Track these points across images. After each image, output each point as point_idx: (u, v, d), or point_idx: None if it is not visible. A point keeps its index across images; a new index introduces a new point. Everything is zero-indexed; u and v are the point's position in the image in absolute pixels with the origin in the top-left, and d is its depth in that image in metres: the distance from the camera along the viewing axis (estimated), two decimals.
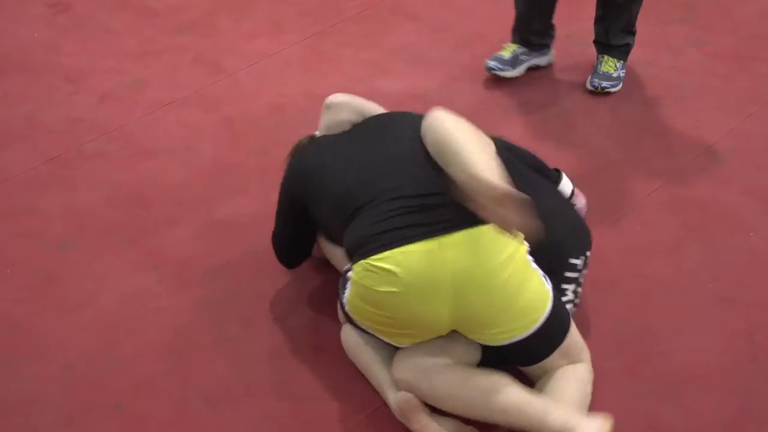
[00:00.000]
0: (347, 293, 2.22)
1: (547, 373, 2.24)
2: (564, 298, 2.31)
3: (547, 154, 2.76)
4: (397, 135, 2.35)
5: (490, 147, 2.22)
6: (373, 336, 2.28)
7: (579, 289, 2.40)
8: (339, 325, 2.43)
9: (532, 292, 2.13)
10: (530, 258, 2.17)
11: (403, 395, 2.20)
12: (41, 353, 2.46)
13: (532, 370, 2.27)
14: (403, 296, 2.09)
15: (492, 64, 3.50)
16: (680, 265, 2.70)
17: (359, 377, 2.36)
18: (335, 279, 2.41)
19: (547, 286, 2.17)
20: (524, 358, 2.25)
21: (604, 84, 3.42)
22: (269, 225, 2.70)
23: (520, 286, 2.11)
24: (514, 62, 3.52)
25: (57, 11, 4.03)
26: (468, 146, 2.12)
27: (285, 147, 2.97)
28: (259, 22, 3.95)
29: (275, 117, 3.35)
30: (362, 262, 2.13)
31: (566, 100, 3.42)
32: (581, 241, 2.41)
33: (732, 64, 3.61)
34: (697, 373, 2.38)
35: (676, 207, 2.91)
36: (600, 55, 3.49)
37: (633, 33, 3.46)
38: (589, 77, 3.47)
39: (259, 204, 2.93)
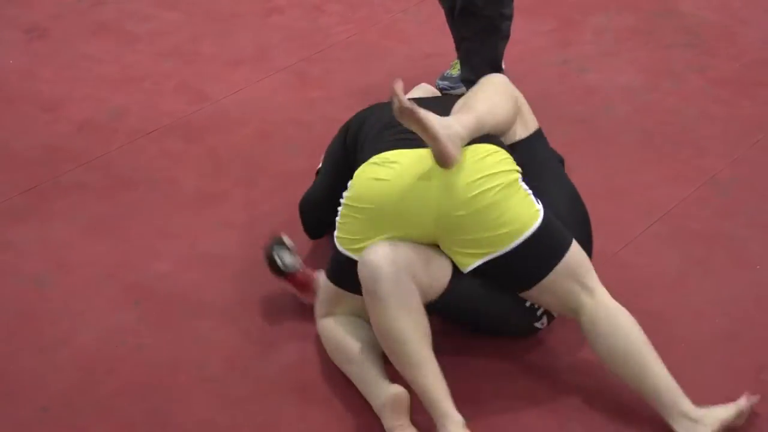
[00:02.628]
0: (338, 220, 2.42)
1: (579, 315, 2.37)
2: None
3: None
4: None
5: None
6: (353, 322, 2.46)
7: None
8: (326, 364, 2.44)
9: (517, 207, 2.33)
10: (521, 178, 2.40)
11: (400, 389, 2.28)
12: (15, 394, 2.47)
13: (542, 296, 2.40)
14: (394, 186, 2.33)
15: (443, 84, 3.56)
16: (683, 301, 2.72)
17: (347, 416, 2.37)
18: None
19: (537, 206, 2.36)
20: (518, 278, 2.38)
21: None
22: (254, 258, 2.72)
23: (503, 200, 2.31)
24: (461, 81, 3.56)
25: (33, 37, 4.06)
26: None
27: (271, 177, 3.00)
28: (243, 48, 3.98)
29: (261, 146, 3.37)
30: (363, 165, 2.43)
31: (560, 131, 3.44)
32: (584, 244, 2.52)
33: (736, 91, 3.64)
34: None
35: (679, 239, 2.93)
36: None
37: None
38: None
39: (244, 236, 2.95)
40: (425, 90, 3.02)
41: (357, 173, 2.42)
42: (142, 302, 2.74)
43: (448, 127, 2.29)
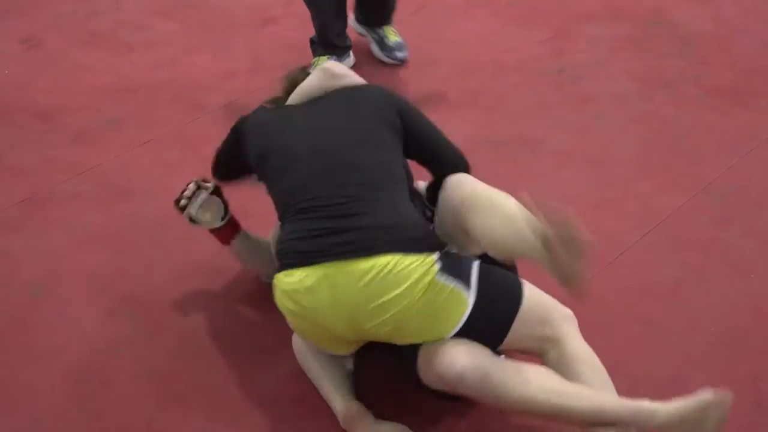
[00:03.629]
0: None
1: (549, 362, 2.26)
2: None
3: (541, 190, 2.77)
4: (356, 114, 2.48)
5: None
6: None
7: None
8: None
9: (439, 310, 2.18)
10: (439, 274, 2.18)
11: (350, 404, 2.33)
12: (8, 406, 2.45)
13: (512, 347, 2.29)
14: (309, 320, 2.25)
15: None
16: (680, 308, 2.71)
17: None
18: None
19: (464, 294, 2.18)
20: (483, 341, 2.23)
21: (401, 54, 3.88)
22: (248, 270, 2.72)
23: (423, 309, 2.16)
24: None
25: (29, 47, 4.05)
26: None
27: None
28: (239, 58, 3.98)
29: None
30: (278, 275, 2.29)
31: (557, 137, 3.44)
32: None
33: (730, 99, 3.65)
34: None
35: (675, 248, 2.93)
36: (376, 30, 3.94)
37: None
38: (382, 53, 3.92)
39: None
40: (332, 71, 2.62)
41: (277, 296, 2.30)
42: (137, 312, 2.72)
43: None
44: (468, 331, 2.20)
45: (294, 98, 2.63)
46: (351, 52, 3.91)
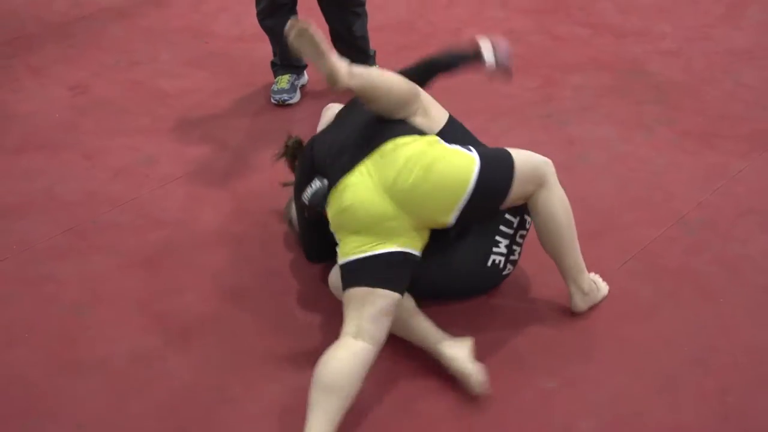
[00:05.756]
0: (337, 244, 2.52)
1: (536, 211, 2.58)
2: (496, 249, 2.63)
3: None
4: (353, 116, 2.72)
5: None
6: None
7: (516, 248, 2.69)
8: None
9: (450, 165, 2.43)
10: (441, 142, 2.52)
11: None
12: (54, 412, 2.45)
13: (512, 202, 2.53)
14: (357, 207, 2.45)
15: (281, 97, 3.88)
16: (655, 330, 2.70)
17: None
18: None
19: (470, 154, 2.47)
20: (489, 205, 2.51)
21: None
22: (271, 291, 2.74)
23: (432, 166, 2.42)
24: (293, 89, 3.89)
25: (76, 93, 4.08)
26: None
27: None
28: (260, 101, 3.99)
29: (278, 191, 3.36)
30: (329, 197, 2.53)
31: None
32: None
33: (700, 142, 3.65)
34: None
35: (651, 275, 2.92)
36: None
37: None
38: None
39: (261, 271, 2.95)
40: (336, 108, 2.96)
41: (328, 207, 2.52)
42: (169, 330, 2.73)
43: (339, 57, 2.38)
44: (480, 190, 2.42)
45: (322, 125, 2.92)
46: (305, 72, 4.03)
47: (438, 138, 2.55)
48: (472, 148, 2.52)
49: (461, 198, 2.42)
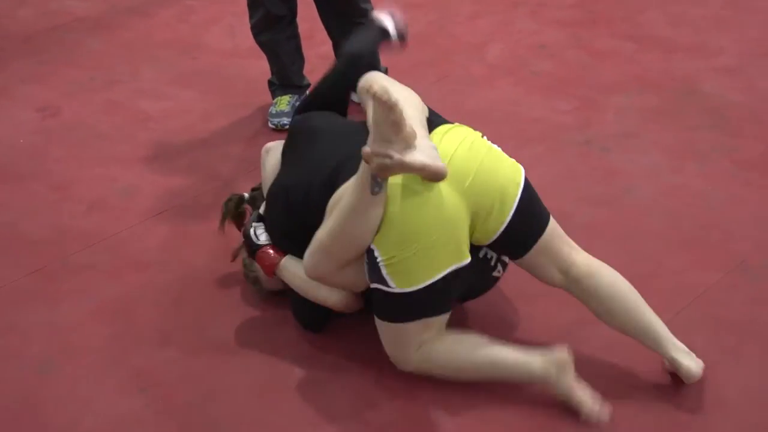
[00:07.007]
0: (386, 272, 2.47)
1: (569, 272, 2.65)
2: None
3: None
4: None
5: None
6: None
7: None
8: None
9: (505, 161, 2.62)
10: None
11: (561, 350, 2.54)
12: None
13: (537, 258, 2.62)
14: (430, 210, 2.46)
15: (280, 121, 3.91)
16: (714, 391, 2.66)
17: None
18: (337, 400, 2.37)
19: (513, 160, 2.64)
20: (522, 239, 2.59)
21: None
22: (267, 344, 2.71)
23: (490, 151, 2.60)
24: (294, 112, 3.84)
25: (45, 116, 4.10)
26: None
27: None
28: (256, 125, 4.00)
29: None
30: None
31: (582, 212, 3.42)
32: None
33: (764, 173, 3.63)
34: None
35: (708, 327, 2.89)
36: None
37: None
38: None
39: (255, 320, 2.93)
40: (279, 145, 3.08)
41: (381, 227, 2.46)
42: (149, 389, 2.70)
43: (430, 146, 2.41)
44: (525, 202, 2.54)
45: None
46: (307, 92, 4.00)
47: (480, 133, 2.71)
48: None
49: (516, 195, 2.54)
